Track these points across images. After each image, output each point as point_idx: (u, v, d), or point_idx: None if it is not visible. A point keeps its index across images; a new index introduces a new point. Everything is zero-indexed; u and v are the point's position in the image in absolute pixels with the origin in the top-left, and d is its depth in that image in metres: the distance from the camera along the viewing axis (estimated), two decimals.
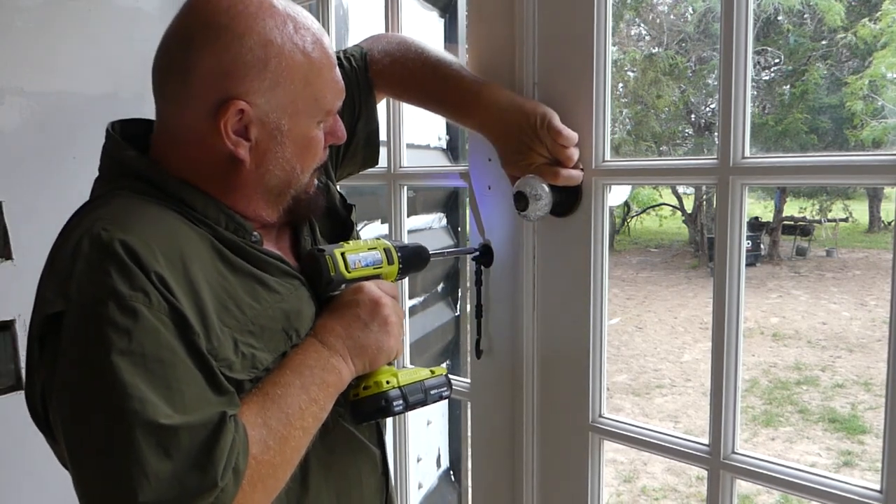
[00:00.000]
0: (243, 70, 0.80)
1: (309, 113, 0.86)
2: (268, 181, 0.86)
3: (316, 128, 0.88)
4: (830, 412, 6.59)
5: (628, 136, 13.89)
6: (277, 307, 0.83)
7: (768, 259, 13.70)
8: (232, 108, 0.80)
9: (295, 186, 0.89)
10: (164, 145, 0.86)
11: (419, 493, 2.75)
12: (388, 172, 1.35)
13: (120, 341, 0.69)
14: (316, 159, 0.91)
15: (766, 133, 12.48)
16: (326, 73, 0.86)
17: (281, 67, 0.82)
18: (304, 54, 0.83)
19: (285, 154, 0.86)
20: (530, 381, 1.17)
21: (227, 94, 0.80)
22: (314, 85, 0.85)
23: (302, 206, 0.92)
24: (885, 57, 10.35)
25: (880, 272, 12.16)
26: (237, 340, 0.77)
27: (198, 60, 0.80)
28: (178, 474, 0.67)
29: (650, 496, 5.37)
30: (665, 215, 17.61)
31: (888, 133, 10.66)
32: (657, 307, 10.67)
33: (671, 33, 13.72)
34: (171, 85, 0.84)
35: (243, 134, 0.82)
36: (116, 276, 0.71)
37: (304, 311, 0.86)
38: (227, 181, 0.85)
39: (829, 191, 14.74)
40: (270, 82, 0.81)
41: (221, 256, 0.81)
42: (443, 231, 2.97)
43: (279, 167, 0.86)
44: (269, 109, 0.82)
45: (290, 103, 0.83)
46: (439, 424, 2.97)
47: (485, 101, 1.08)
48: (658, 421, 6.50)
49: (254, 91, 0.81)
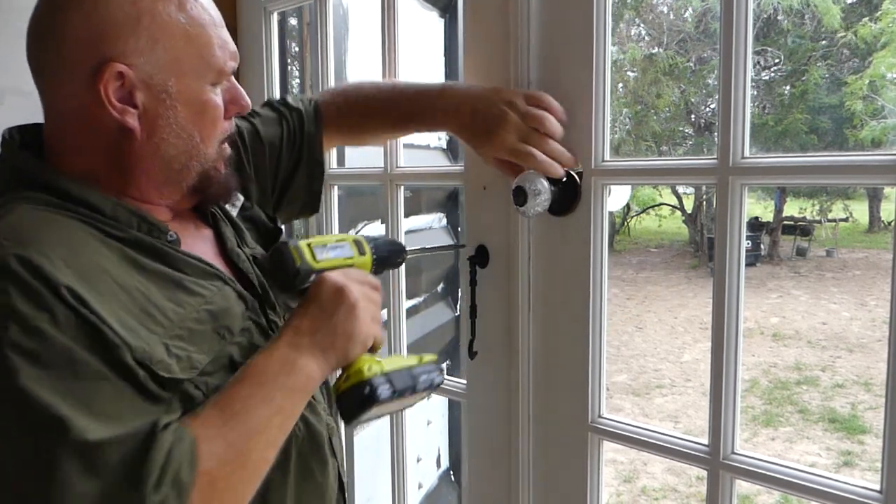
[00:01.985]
0: (115, 29, 0.76)
1: (197, 73, 0.81)
2: (165, 151, 0.81)
3: (210, 91, 0.83)
4: (830, 412, 6.59)
5: (628, 136, 13.89)
6: (202, 309, 0.79)
7: (768, 259, 13.70)
8: (109, 71, 0.75)
9: (198, 159, 0.84)
10: (55, 140, 0.82)
11: (419, 493, 2.75)
12: (384, 172, 1.35)
13: (27, 365, 0.64)
14: (217, 127, 0.85)
15: (766, 133, 12.48)
16: (210, 30, 0.82)
17: (156, 23, 0.77)
18: (179, 9, 0.79)
19: (178, 119, 0.80)
20: (526, 382, 1.17)
21: (102, 56, 0.75)
22: (197, 41, 0.80)
23: (213, 184, 0.87)
24: (885, 57, 10.35)
25: (880, 272, 12.16)
26: (168, 345, 0.74)
27: (65, 23, 0.76)
28: (108, 491, 0.63)
29: (650, 496, 5.36)
30: (665, 215, 17.61)
31: (888, 133, 10.65)
32: (657, 307, 10.66)
33: (671, 33, 13.71)
34: (43, 54, 0.80)
35: (128, 101, 0.77)
36: (16, 295, 0.66)
37: (232, 309, 0.83)
38: (123, 161, 0.80)
39: (829, 191, 14.73)
40: (147, 40, 0.77)
41: (136, 262, 0.77)
42: (443, 231, 2.97)
43: (174, 134, 0.81)
44: (151, 71, 0.77)
45: (174, 61, 0.79)
46: (439, 424, 2.97)
47: (448, 93, 1.08)
48: (658, 421, 6.50)
49: (130, 51, 0.76)
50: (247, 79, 1.60)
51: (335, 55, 1.52)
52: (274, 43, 1.58)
